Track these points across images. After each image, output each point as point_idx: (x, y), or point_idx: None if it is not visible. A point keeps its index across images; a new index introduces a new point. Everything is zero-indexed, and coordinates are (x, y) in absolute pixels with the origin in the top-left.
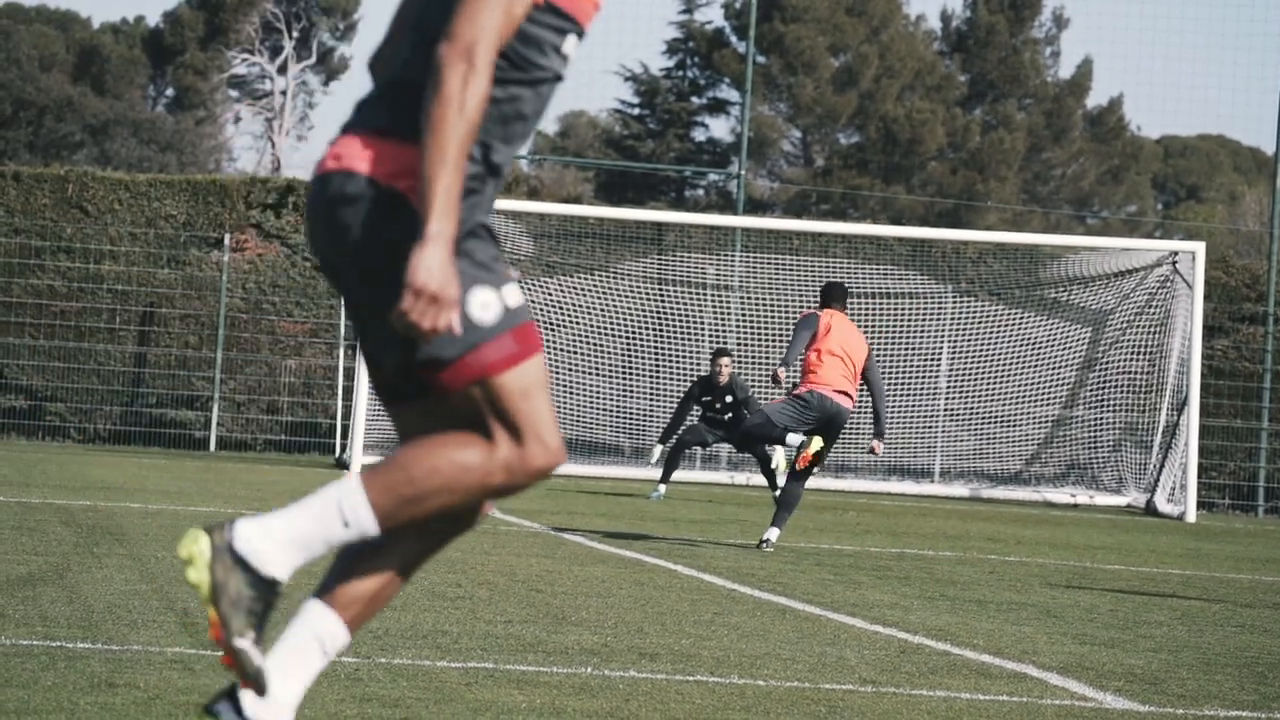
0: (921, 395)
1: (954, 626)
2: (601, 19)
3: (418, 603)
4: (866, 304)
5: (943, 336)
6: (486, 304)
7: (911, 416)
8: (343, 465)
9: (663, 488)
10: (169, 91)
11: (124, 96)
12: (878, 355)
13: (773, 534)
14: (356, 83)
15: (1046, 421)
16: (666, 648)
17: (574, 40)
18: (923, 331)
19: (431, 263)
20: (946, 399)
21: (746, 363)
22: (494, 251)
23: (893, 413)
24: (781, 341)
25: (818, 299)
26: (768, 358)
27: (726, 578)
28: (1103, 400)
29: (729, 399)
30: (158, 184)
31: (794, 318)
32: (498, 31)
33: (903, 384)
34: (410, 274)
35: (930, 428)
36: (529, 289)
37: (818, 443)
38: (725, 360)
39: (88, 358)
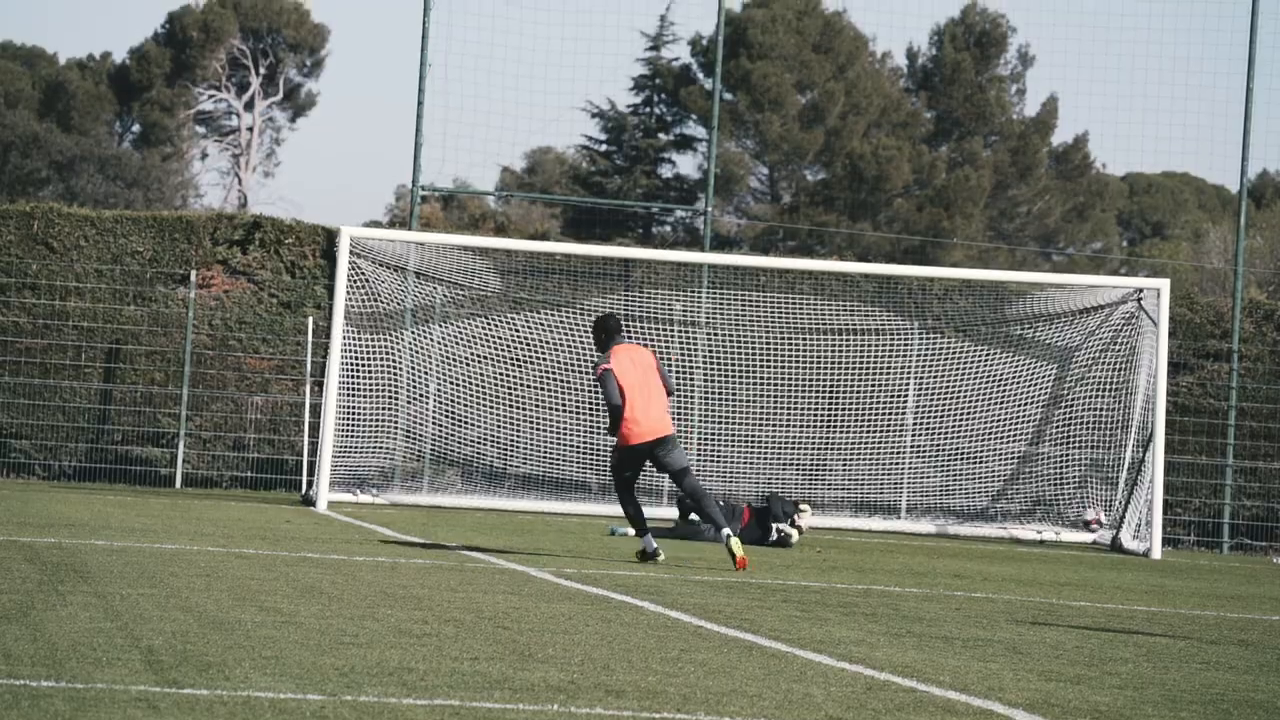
0: (888, 432)
1: (920, 663)
2: (568, 55)
3: (384, 639)
4: (833, 340)
5: (909, 373)
6: None
7: (878, 453)
8: (309, 502)
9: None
10: (135, 128)
11: (90, 133)
12: (843, 392)
13: (726, 533)
14: (323, 119)
15: (1013, 458)
16: (633, 684)
17: None
18: (889, 368)
19: None
20: (913, 435)
21: (713, 398)
22: None
23: (859, 447)
24: (748, 376)
25: (599, 349)
26: (735, 393)
27: (693, 614)
28: (1069, 437)
29: None
30: (124, 220)
31: (761, 353)
32: None
33: (869, 420)
34: None
35: (897, 464)
36: (496, 325)
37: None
38: None
39: (53, 394)
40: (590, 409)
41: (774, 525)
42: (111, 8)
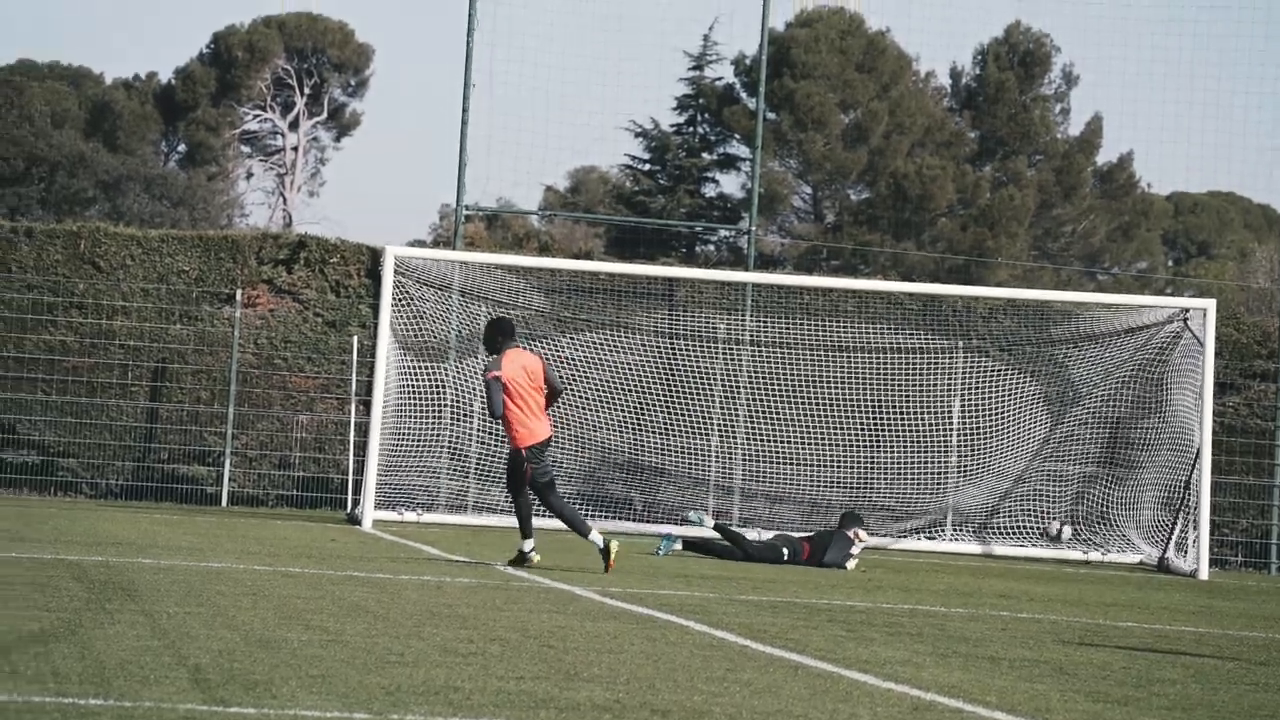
0: (932, 451)
1: (967, 683)
2: (612, 75)
3: (429, 658)
4: (877, 360)
5: (953, 392)
6: None
7: (922, 472)
8: (354, 521)
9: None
10: (181, 147)
11: (136, 152)
12: (888, 411)
13: (597, 536)
14: (367, 139)
15: (1058, 478)
16: (678, 704)
17: None
18: (933, 387)
19: None
20: (958, 455)
21: (757, 418)
22: None
23: (904, 467)
24: (792, 396)
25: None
26: (779, 412)
27: (738, 634)
28: (1114, 457)
29: None
30: (170, 240)
31: (805, 373)
32: None
33: (913, 440)
34: None
35: (941, 484)
36: (539, 344)
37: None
38: None
39: (100, 413)
40: (635, 428)
41: (829, 564)
42: (157, 28)
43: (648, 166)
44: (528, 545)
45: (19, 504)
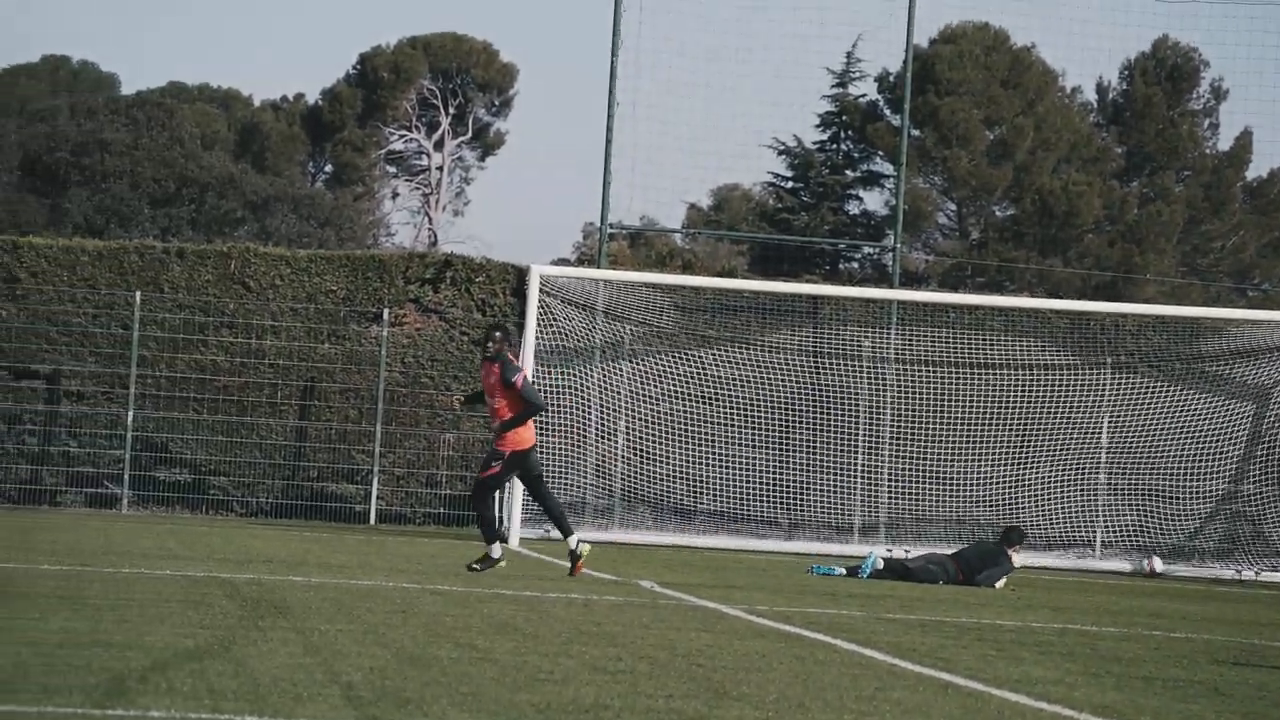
0: (1081, 469)
1: (1120, 703)
2: (756, 93)
3: (578, 676)
4: (1023, 377)
5: (1102, 410)
6: None
7: (1070, 490)
8: (501, 539)
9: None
10: (328, 168)
11: (284, 173)
12: (1035, 429)
13: (574, 540)
14: (512, 158)
15: (1210, 496)
16: None
17: None
18: (1082, 405)
19: None
20: (1108, 473)
21: (903, 435)
22: None
23: (1051, 485)
24: (937, 413)
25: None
26: (924, 430)
27: (887, 652)
28: (1268, 474)
29: None
30: (318, 260)
31: (951, 390)
32: None
33: (1061, 457)
34: None
35: (1090, 501)
36: (684, 362)
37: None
38: None
39: (250, 432)
40: (780, 446)
41: (982, 582)
42: (304, 50)
43: (791, 184)
44: (493, 550)
45: (171, 522)
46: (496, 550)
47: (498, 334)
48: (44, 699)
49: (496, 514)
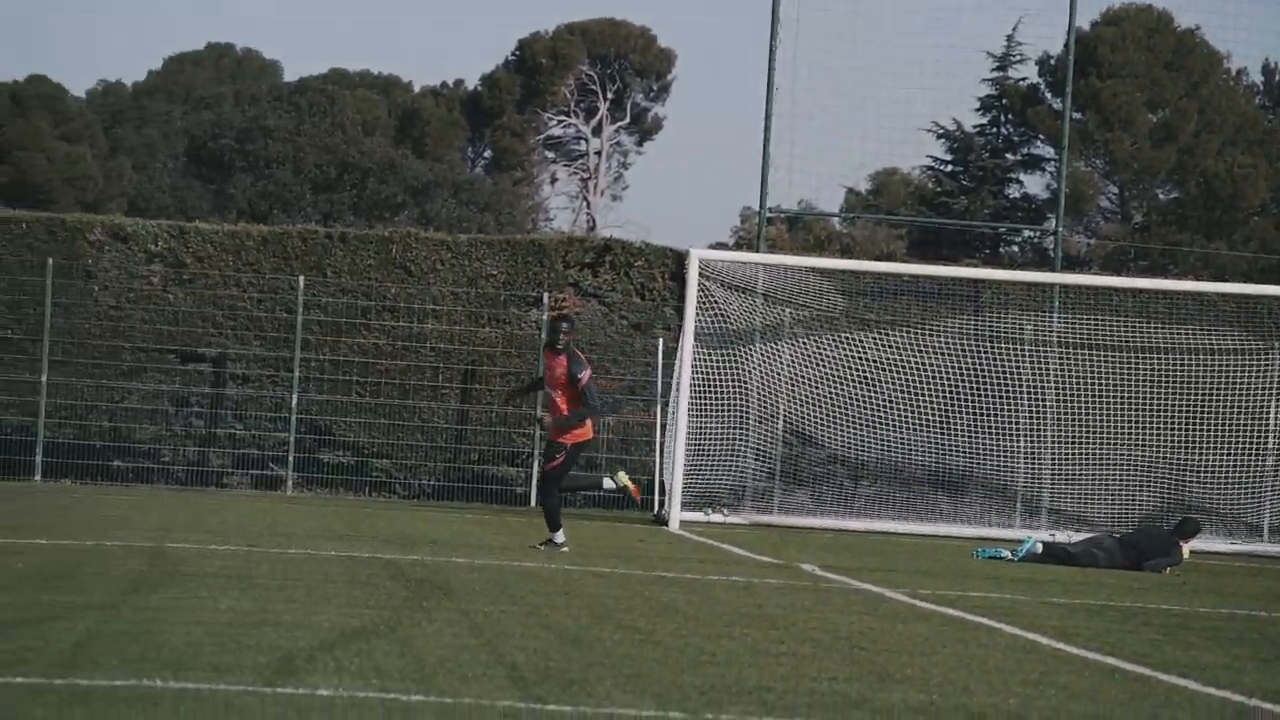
0: (1249, 452)
1: None
2: (915, 77)
3: (741, 659)
4: (1188, 360)
5: (1270, 393)
6: None
7: (1238, 474)
8: (661, 522)
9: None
10: (487, 153)
11: (444, 158)
12: (1201, 412)
13: (559, 535)
14: (669, 142)
15: None
16: (994, 707)
17: None
18: (1249, 389)
19: None
20: (1276, 456)
21: (1067, 419)
22: None
23: (1218, 469)
24: (1101, 397)
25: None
26: (1088, 414)
27: (1051, 636)
28: None
29: None
30: (478, 244)
31: (1115, 374)
32: None
33: (1228, 441)
34: None
35: (1259, 485)
36: (843, 346)
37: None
38: None
39: (412, 415)
40: (941, 429)
41: (1148, 565)
42: (464, 37)
43: (950, 168)
44: (557, 535)
45: (336, 503)
46: (560, 536)
47: (565, 325)
48: (215, 677)
49: (559, 503)
